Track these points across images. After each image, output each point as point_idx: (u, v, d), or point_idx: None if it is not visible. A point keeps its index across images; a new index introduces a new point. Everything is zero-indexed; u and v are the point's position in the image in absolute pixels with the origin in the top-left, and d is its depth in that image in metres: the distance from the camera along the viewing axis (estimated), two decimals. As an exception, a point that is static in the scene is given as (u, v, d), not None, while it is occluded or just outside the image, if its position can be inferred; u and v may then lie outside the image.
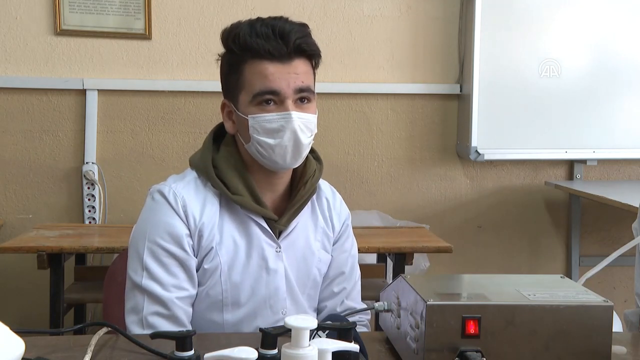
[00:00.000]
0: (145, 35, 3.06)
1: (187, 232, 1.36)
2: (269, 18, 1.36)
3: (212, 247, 1.37)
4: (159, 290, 1.34)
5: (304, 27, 1.37)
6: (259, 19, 1.36)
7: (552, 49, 3.18)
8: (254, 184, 1.39)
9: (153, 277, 1.35)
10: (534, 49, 3.17)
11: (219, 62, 1.42)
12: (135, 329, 1.35)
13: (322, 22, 3.16)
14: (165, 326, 1.34)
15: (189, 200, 1.37)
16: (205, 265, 1.38)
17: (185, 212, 1.36)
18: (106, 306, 1.70)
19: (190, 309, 1.39)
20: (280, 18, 1.36)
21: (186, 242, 1.36)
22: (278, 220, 1.41)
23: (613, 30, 3.22)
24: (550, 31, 3.19)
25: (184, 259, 1.36)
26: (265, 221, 1.41)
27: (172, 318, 1.35)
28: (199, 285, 1.39)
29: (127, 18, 3.03)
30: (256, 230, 1.40)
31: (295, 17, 1.41)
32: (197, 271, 1.39)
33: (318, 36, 1.42)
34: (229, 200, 1.39)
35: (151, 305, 1.35)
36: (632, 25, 3.22)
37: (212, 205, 1.39)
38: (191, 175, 1.42)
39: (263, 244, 1.41)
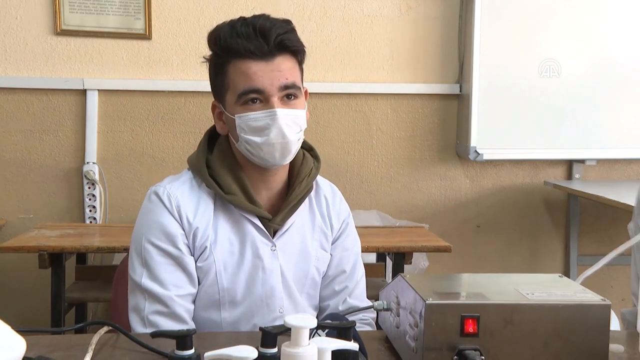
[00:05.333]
0: (145, 35, 3.06)
1: (182, 231, 1.37)
2: (251, 17, 1.35)
3: (207, 247, 1.38)
4: (157, 289, 1.36)
5: (286, 23, 1.36)
6: (240, 19, 1.36)
7: (551, 49, 3.18)
8: (247, 183, 1.40)
9: (152, 276, 1.36)
10: (533, 49, 3.18)
11: (207, 64, 1.44)
12: (138, 328, 1.37)
13: (322, 22, 3.16)
14: (167, 324, 1.35)
15: (183, 200, 1.38)
16: (199, 264, 1.39)
17: (179, 212, 1.37)
18: (115, 304, 1.70)
19: (192, 306, 1.40)
20: (262, 16, 1.35)
21: (181, 241, 1.37)
22: (272, 219, 1.42)
23: (613, 31, 3.22)
24: (550, 31, 3.19)
25: (180, 258, 1.37)
26: (260, 220, 1.41)
27: (173, 315, 1.36)
28: None
29: (127, 18, 3.04)
30: (251, 229, 1.41)
31: (295, 17, 1.41)
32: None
33: (318, 36, 1.42)
34: (223, 200, 1.40)
35: (152, 304, 1.36)
36: (632, 26, 3.23)
37: (207, 205, 1.40)
38: (187, 175, 1.44)
39: (258, 242, 1.41)
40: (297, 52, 1.37)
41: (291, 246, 1.45)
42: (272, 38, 1.32)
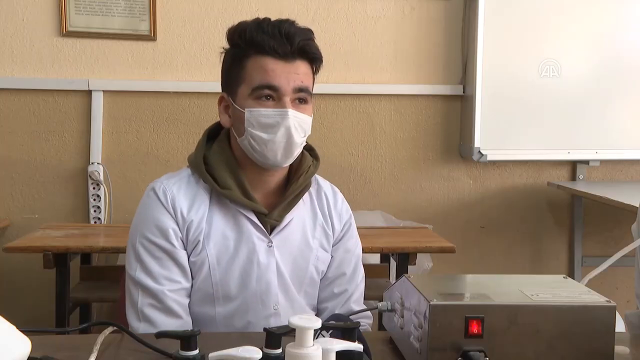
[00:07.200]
0: (150, 37, 3.07)
1: (175, 226, 1.39)
2: (276, 20, 1.39)
3: (200, 240, 1.40)
4: (150, 283, 1.38)
5: (308, 31, 1.41)
6: (265, 19, 1.39)
7: (555, 49, 3.18)
8: (244, 179, 1.42)
9: (145, 270, 1.39)
10: (536, 49, 3.18)
11: (222, 56, 1.45)
12: (133, 321, 1.39)
13: (326, 23, 3.17)
14: (160, 318, 1.37)
15: (178, 195, 1.41)
16: (193, 258, 1.40)
17: (173, 206, 1.40)
18: (121, 305, 1.69)
19: (186, 300, 1.41)
20: (287, 20, 1.39)
21: (173, 236, 1.39)
22: (268, 215, 1.43)
23: (615, 31, 3.22)
24: (553, 32, 3.19)
25: (172, 252, 1.39)
26: (257, 216, 1.42)
27: (166, 310, 1.38)
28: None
29: (133, 19, 3.05)
30: (247, 224, 1.42)
31: (299, 18, 1.43)
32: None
33: (322, 37, 1.44)
34: (219, 195, 1.41)
35: (145, 297, 1.38)
36: (633, 26, 3.22)
37: (202, 201, 1.42)
38: (185, 172, 1.47)
39: (254, 238, 1.42)
40: (315, 59, 1.42)
41: (290, 243, 1.45)
42: (296, 42, 1.36)
